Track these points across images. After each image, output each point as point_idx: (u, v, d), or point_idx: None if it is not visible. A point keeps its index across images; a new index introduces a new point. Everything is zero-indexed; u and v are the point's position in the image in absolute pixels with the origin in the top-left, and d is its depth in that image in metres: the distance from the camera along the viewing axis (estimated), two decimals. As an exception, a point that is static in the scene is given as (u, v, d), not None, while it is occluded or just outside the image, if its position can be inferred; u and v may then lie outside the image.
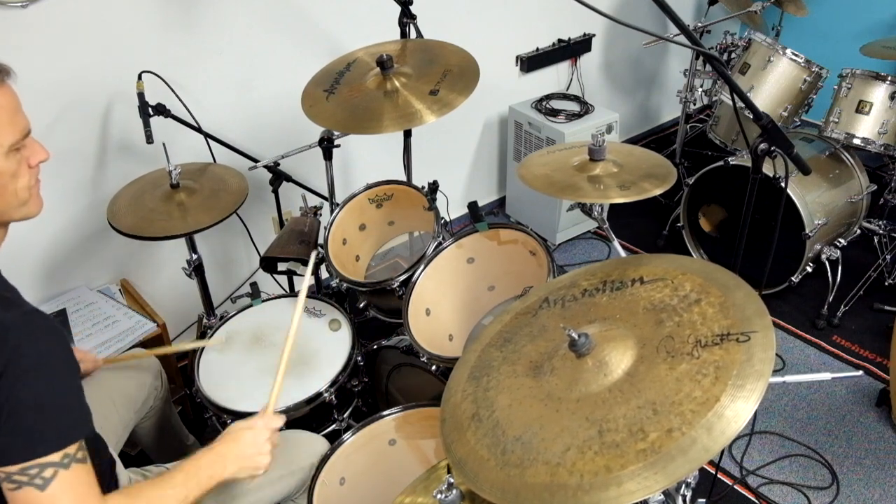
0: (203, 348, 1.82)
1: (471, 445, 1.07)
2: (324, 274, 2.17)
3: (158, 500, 1.14)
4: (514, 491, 0.97)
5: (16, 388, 0.98)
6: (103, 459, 1.31)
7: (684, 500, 1.26)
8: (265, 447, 1.28)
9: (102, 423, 1.45)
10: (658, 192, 1.50)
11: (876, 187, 2.71)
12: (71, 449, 1.02)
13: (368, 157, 2.74)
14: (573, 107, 3.01)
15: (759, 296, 1.06)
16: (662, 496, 1.21)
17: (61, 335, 1.07)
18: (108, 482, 1.31)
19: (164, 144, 1.88)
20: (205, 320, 2.13)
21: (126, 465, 1.42)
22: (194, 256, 1.99)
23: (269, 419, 1.32)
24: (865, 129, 2.52)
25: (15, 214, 1.13)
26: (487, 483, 1.01)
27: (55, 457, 1.00)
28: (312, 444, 1.56)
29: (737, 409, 0.90)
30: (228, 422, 1.66)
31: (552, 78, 3.25)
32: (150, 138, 1.90)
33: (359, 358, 1.85)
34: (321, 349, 1.81)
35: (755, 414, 2.24)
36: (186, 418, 2.08)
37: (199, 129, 2.10)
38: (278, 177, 2.22)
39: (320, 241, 2.04)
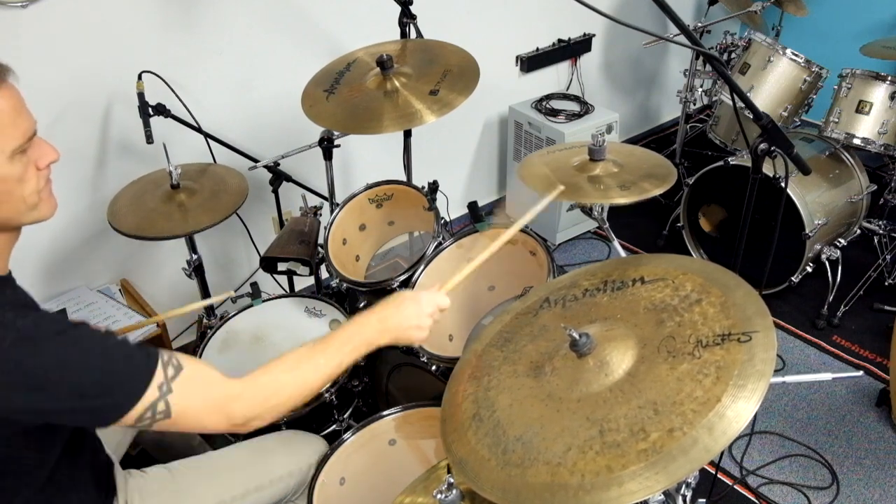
0: (204, 347, 1.82)
1: (472, 445, 1.07)
2: (324, 274, 2.17)
3: (314, 370, 1.15)
4: (515, 491, 0.97)
5: (68, 368, 0.96)
6: (100, 460, 1.31)
7: (684, 500, 1.26)
8: (426, 321, 1.27)
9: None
10: (658, 192, 1.50)
11: (876, 187, 2.71)
12: (158, 377, 1.01)
13: (368, 157, 2.74)
14: (573, 107, 3.01)
15: (759, 296, 1.06)
16: (663, 496, 1.21)
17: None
18: (105, 484, 1.30)
19: (164, 144, 1.88)
20: (205, 320, 2.12)
21: (127, 466, 1.41)
22: (194, 256, 1.99)
23: (437, 296, 1.31)
24: (865, 129, 2.52)
25: (25, 219, 1.07)
26: (488, 483, 1.01)
27: (151, 394, 1.00)
28: (312, 444, 1.56)
29: (738, 410, 0.90)
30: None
31: (552, 78, 3.25)
32: (150, 138, 1.90)
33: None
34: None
35: (755, 414, 2.25)
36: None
37: (199, 129, 2.10)
38: (278, 177, 2.22)
39: (320, 241, 2.04)
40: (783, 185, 1.59)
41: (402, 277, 1.82)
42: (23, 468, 1.09)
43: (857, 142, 2.53)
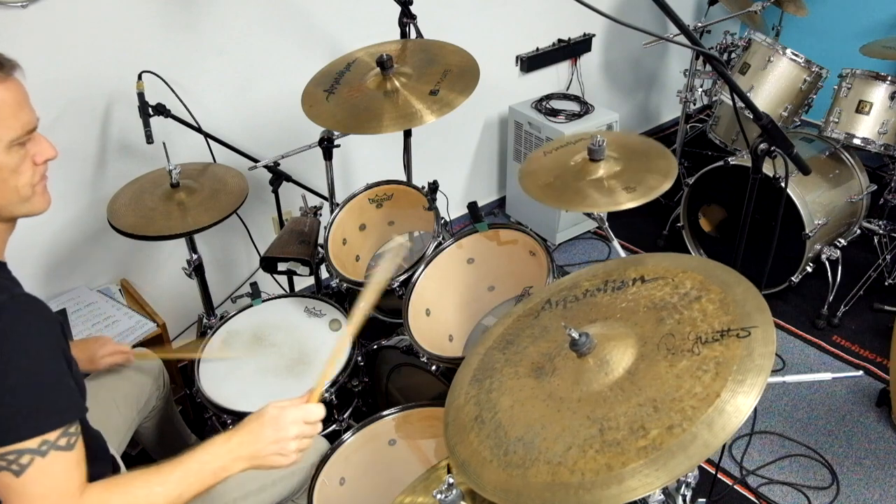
0: (204, 347, 1.82)
1: (474, 447, 1.08)
2: (324, 274, 2.17)
3: (145, 498, 1.06)
4: (517, 491, 0.97)
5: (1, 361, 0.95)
6: (104, 458, 1.31)
7: (684, 500, 1.26)
8: (290, 446, 1.16)
9: (105, 423, 1.46)
10: (665, 187, 1.51)
11: (876, 187, 2.71)
12: (50, 436, 0.98)
13: (368, 157, 2.74)
14: (573, 107, 3.01)
15: (759, 293, 1.06)
16: (663, 496, 1.21)
17: (51, 319, 1.04)
18: None
19: (164, 144, 1.88)
20: (205, 320, 2.12)
21: (127, 466, 1.41)
22: (194, 256, 1.99)
23: (304, 411, 1.19)
24: (865, 129, 2.52)
25: (17, 210, 1.10)
26: (490, 484, 1.01)
27: (32, 443, 0.97)
28: (312, 443, 1.55)
29: (737, 405, 0.90)
30: (228, 422, 1.66)
31: (552, 78, 3.25)
32: (150, 138, 1.90)
33: (359, 358, 1.85)
34: (321, 349, 1.81)
35: (755, 414, 2.26)
36: (186, 418, 2.07)
37: (199, 129, 2.10)
38: (278, 177, 2.22)
39: (320, 241, 2.04)
40: (783, 185, 1.59)
41: (402, 277, 1.82)
42: None
43: (857, 142, 2.53)
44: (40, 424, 0.98)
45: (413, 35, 2.12)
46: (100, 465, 1.29)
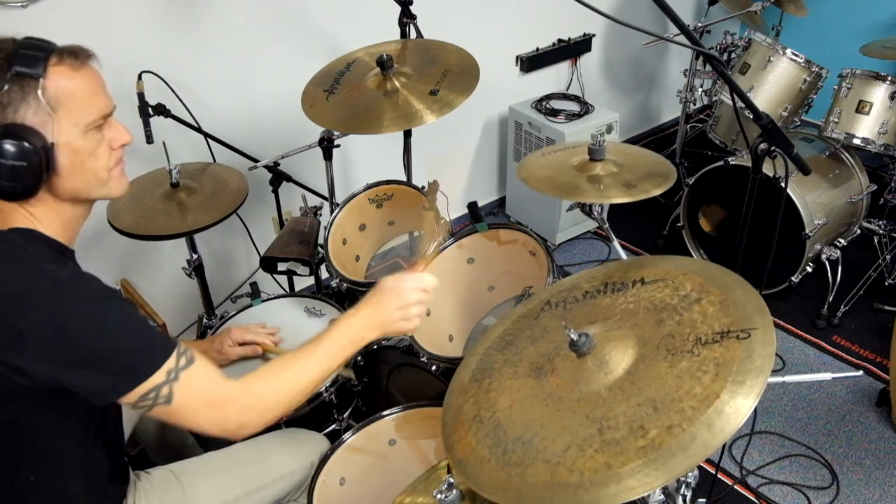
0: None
1: (472, 446, 1.08)
2: (324, 274, 2.17)
3: (304, 373, 1.17)
4: (515, 490, 0.97)
5: (90, 330, 1.01)
6: (119, 450, 1.32)
7: (684, 500, 1.26)
8: (412, 310, 1.28)
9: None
10: (659, 191, 1.51)
11: (876, 187, 2.71)
12: (170, 363, 1.05)
13: (368, 157, 2.74)
14: (573, 107, 3.01)
15: (759, 295, 1.06)
16: (662, 496, 1.21)
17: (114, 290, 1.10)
18: (119, 476, 1.32)
19: (164, 144, 1.88)
20: (205, 320, 2.12)
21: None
22: (194, 256, 1.99)
23: (420, 279, 1.30)
24: (865, 129, 2.52)
25: (95, 193, 1.14)
26: (488, 483, 1.01)
27: (159, 376, 1.04)
28: (314, 442, 1.56)
29: (737, 406, 0.90)
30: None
31: (552, 78, 3.25)
32: (150, 138, 1.90)
33: (359, 358, 1.85)
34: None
35: (755, 414, 2.26)
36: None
37: (199, 129, 2.10)
38: (278, 177, 2.22)
39: (320, 241, 2.04)
40: (783, 185, 1.59)
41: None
42: (38, 440, 1.11)
43: (857, 142, 2.53)
44: (156, 358, 1.05)
45: (413, 35, 2.12)
46: (118, 457, 1.30)
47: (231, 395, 1.12)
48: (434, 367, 1.68)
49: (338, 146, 2.12)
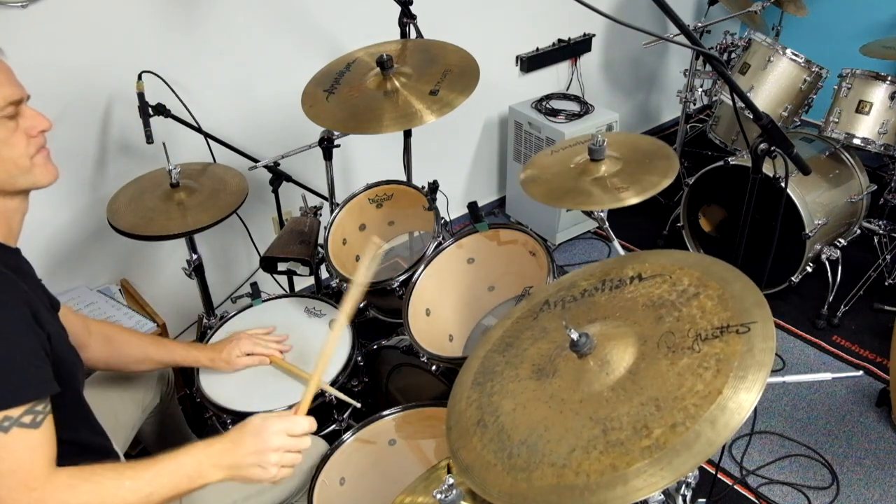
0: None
1: (477, 451, 1.07)
2: (324, 274, 2.17)
3: (114, 490, 1.04)
4: (522, 495, 0.97)
5: None
6: (108, 457, 1.31)
7: (684, 500, 1.25)
8: (270, 458, 1.13)
9: (111, 422, 1.46)
10: (667, 181, 1.51)
11: (876, 187, 2.71)
12: (13, 412, 0.97)
13: (368, 157, 2.74)
14: (573, 107, 3.01)
15: (757, 287, 1.05)
16: (663, 496, 1.21)
17: (16, 296, 1.04)
18: None
19: (164, 144, 1.88)
20: (205, 320, 2.12)
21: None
22: (194, 256, 1.99)
23: (289, 423, 1.17)
24: (865, 129, 2.52)
25: (20, 183, 1.12)
26: (495, 488, 1.00)
27: None
28: (312, 444, 1.55)
29: (739, 401, 0.90)
30: (228, 422, 1.66)
31: (552, 78, 3.25)
32: (150, 138, 1.90)
33: (359, 358, 1.85)
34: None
35: (755, 414, 2.25)
36: (186, 418, 2.07)
37: (199, 129, 2.10)
38: (278, 177, 2.22)
39: (320, 241, 2.04)
40: (783, 185, 1.59)
41: (402, 277, 1.82)
42: None
43: (857, 142, 2.53)
44: (1, 400, 0.98)
45: (413, 35, 2.12)
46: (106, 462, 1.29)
47: (36, 482, 1.00)
48: (434, 367, 1.68)
49: (338, 146, 2.12)
